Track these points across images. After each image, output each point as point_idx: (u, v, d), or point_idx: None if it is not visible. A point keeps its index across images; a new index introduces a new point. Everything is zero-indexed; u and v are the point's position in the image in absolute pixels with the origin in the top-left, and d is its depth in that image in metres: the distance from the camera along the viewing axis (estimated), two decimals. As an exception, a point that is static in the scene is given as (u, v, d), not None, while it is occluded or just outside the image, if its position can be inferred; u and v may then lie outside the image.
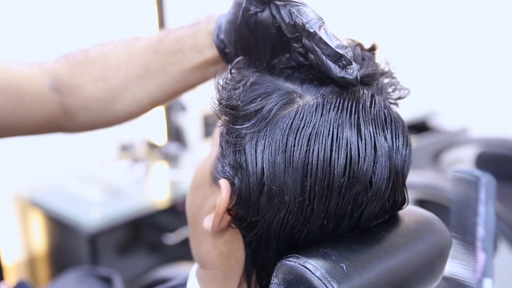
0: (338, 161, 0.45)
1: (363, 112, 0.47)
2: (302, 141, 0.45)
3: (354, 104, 0.47)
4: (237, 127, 0.48)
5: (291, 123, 0.46)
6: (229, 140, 0.49)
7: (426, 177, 1.62)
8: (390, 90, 0.53)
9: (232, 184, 0.48)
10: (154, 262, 1.81)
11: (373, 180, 0.46)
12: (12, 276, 1.80)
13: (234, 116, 0.48)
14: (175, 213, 1.82)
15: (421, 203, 1.55)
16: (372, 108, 0.47)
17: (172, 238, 1.80)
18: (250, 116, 0.47)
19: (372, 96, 0.49)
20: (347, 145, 0.45)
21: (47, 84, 0.63)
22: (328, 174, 0.45)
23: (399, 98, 0.54)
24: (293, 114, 0.46)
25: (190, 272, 0.60)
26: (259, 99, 0.48)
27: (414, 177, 0.45)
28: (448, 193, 1.49)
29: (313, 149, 0.45)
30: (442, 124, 2.55)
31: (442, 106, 2.56)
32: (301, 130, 0.45)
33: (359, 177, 0.45)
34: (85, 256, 1.63)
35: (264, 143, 0.46)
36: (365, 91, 0.49)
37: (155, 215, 1.78)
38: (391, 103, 0.53)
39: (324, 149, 0.45)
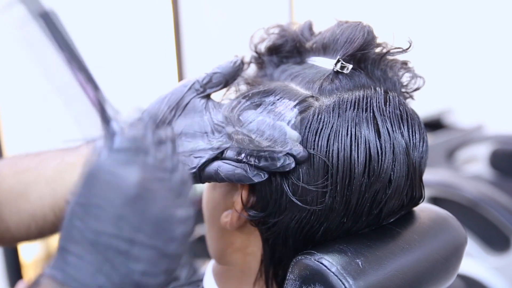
0: (358, 160, 0.45)
1: (379, 110, 0.47)
2: (321, 142, 0.46)
3: (369, 102, 0.47)
4: None
5: (309, 126, 0.46)
6: None
7: (441, 175, 1.61)
8: (405, 80, 0.53)
9: (252, 184, 0.49)
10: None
11: (392, 177, 0.47)
12: (31, 273, 1.83)
13: None
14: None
15: (435, 201, 1.55)
16: (388, 106, 0.48)
17: (186, 236, 1.80)
18: None
19: (386, 92, 0.49)
20: (365, 144, 0.46)
21: None
22: (349, 173, 0.45)
23: (416, 89, 0.54)
24: (310, 117, 0.46)
25: (206, 269, 0.60)
26: None
27: (428, 175, 0.45)
28: (463, 191, 1.48)
29: (333, 149, 0.45)
30: (457, 122, 2.53)
31: (457, 103, 2.53)
32: (320, 132, 0.46)
33: (380, 175, 0.46)
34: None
35: None
36: (378, 89, 0.49)
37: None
38: (406, 97, 0.54)
39: (344, 149, 0.45)
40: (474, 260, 1.50)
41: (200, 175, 0.48)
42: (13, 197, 0.57)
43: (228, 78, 0.51)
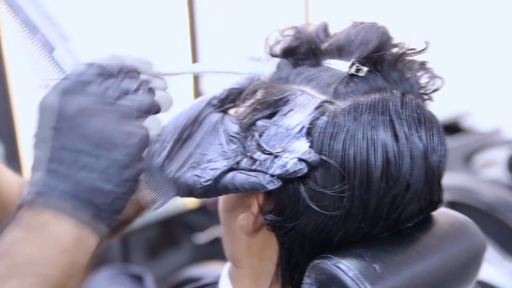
0: (375, 164, 0.45)
1: (396, 113, 0.47)
2: (337, 146, 0.45)
3: (386, 105, 0.47)
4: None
5: (325, 130, 0.46)
6: None
7: (458, 179, 1.59)
8: (424, 81, 0.52)
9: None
10: (184, 261, 1.83)
11: (410, 182, 0.46)
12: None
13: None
14: (205, 212, 1.84)
15: (452, 205, 1.53)
16: (405, 108, 0.47)
17: (202, 237, 1.81)
18: None
19: (403, 95, 0.48)
20: (383, 147, 0.45)
21: None
22: (366, 178, 0.45)
23: (435, 90, 0.53)
24: (325, 121, 0.46)
25: (222, 271, 0.60)
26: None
27: (445, 179, 0.44)
28: (481, 196, 1.47)
29: (349, 154, 0.45)
30: (474, 125, 2.49)
31: (475, 106, 2.50)
32: (335, 136, 0.45)
33: (398, 179, 0.46)
34: (116, 254, 1.66)
35: None
36: (395, 91, 0.48)
37: (185, 214, 1.80)
38: (425, 98, 0.53)
39: (361, 153, 0.45)
40: (492, 266, 1.47)
41: (216, 187, 0.48)
42: None
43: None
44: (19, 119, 1.34)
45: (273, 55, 0.56)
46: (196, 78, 1.78)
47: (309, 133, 0.46)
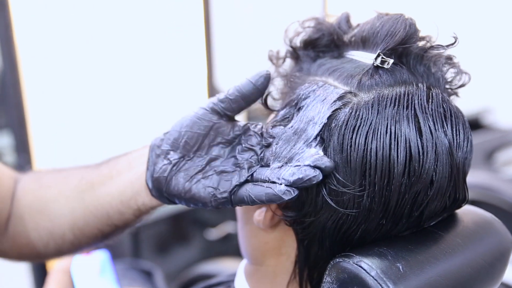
0: (398, 159, 0.44)
1: (421, 108, 0.45)
2: (359, 140, 0.44)
3: (411, 98, 0.45)
4: None
5: (347, 123, 0.44)
6: None
7: (479, 177, 1.56)
8: (449, 76, 0.51)
9: None
10: (195, 257, 1.83)
11: (434, 178, 0.45)
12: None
13: None
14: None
15: (473, 204, 1.50)
16: (430, 103, 0.46)
17: (214, 233, 1.81)
18: None
19: (429, 89, 0.47)
20: (406, 142, 0.44)
21: None
22: (387, 173, 0.44)
23: (461, 86, 0.51)
24: (348, 114, 0.45)
25: (238, 269, 0.59)
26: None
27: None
28: (502, 194, 1.43)
29: (371, 148, 0.44)
30: (496, 122, 2.45)
31: (497, 102, 2.46)
32: (358, 129, 0.44)
33: (421, 176, 0.44)
34: (127, 249, 1.66)
35: None
36: (420, 85, 0.47)
37: (197, 209, 1.79)
38: (451, 93, 0.51)
39: (383, 147, 0.44)
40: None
41: (231, 199, 0.47)
42: (32, 213, 0.59)
43: (249, 100, 0.49)
44: (29, 109, 1.34)
45: (293, 47, 0.54)
46: (210, 73, 1.77)
47: (329, 127, 0.45)
